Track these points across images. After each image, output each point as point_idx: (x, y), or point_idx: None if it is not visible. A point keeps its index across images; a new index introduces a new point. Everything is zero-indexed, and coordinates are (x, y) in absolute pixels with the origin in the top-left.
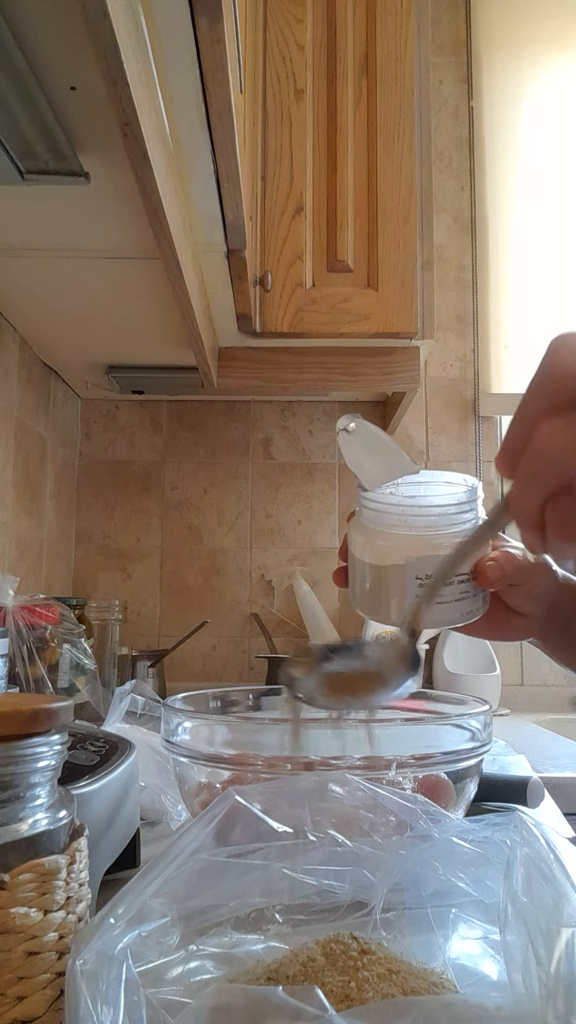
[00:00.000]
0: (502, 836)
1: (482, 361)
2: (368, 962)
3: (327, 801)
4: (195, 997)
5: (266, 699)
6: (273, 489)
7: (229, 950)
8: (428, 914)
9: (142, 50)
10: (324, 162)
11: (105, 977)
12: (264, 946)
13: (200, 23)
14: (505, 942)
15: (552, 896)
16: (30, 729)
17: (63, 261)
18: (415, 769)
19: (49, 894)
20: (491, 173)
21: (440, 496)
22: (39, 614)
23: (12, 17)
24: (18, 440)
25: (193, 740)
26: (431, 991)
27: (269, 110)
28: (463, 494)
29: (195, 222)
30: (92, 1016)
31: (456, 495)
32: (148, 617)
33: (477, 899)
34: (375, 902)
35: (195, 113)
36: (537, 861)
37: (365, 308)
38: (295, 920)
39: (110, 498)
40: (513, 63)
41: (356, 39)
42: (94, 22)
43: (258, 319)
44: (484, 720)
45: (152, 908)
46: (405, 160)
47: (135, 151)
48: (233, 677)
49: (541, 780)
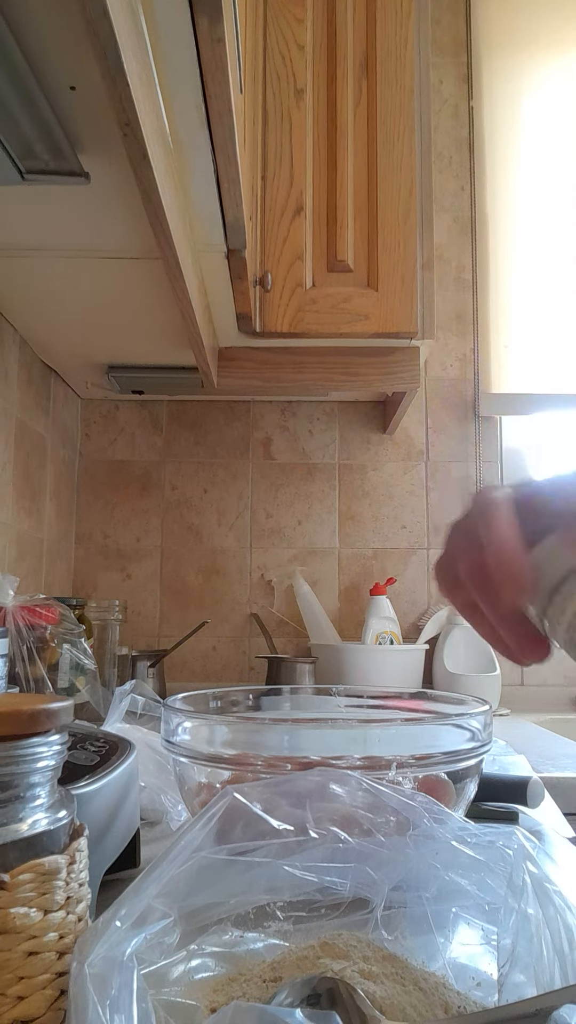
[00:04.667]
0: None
1: (482, 361)
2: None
3: (328, 800)
4: (197, 998)
5: (266, 699)
6: (273, 489)
7: (230, 948)
8: (428, 913)
9: (142, 50)
10: (324, 162)
11: (114, 982)
12: (265, 944)
13: (200, 23)
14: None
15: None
16: (30, 729)
17: (63, 261)
18: (415, 769)
19: (49, 894)
20: (491, 173)
21: None
22: (39, 614)
23: (12, 17)
24: (18, 440)
25: (193, 740)
26: (432, 992)
27: (269, 110)
28: None
29: (195, 222)
30: (101, 1020)
31: None
32: (148, 617)
33: (478, 899)
34: (377, 900)
35: (195, 113)
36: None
37: (365, 308)
38: (296, 917)
39: (110, 498)
40: (513, 63)
41: (356, 39)
42: (94, 22)
43: (258, 319)
44: (484, 720)
45: (154, 908)
46: (405, 160)
47: (135, 151)
48: (233, 677)
49: (541, 780)
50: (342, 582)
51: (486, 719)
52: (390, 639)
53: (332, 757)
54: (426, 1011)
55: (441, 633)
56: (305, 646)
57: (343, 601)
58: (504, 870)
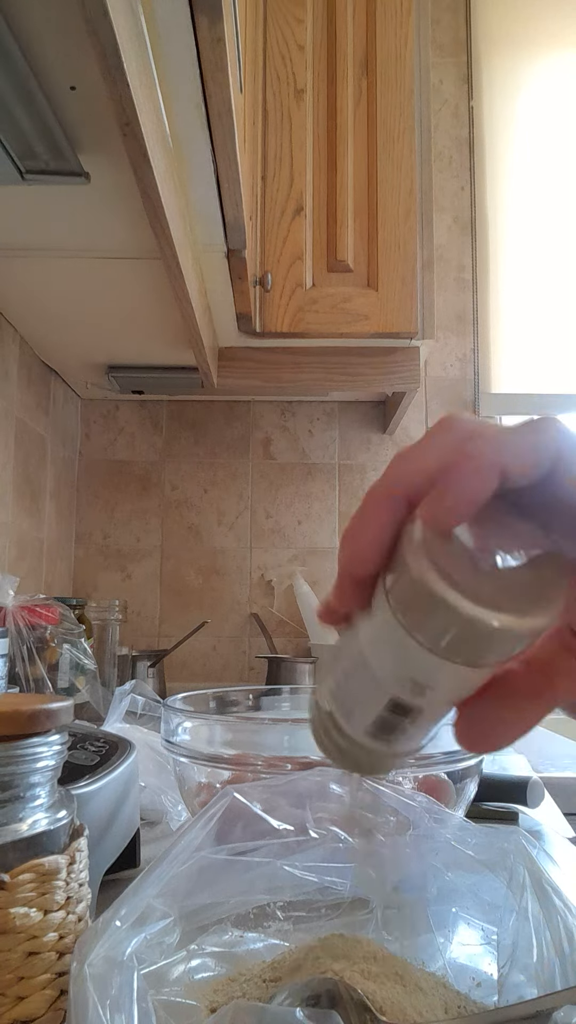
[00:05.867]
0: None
1: (482, 361)
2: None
3: (328, 800)
4: (197, 998)
5: (266, 699)
6: (273, 489)
7: (230, 948)
8: (428, 913)
9: (142, 50)
10: (324, 162)
11: (114, 982)
12: (265, 944)
13: (200, 23)
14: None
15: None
16: (30, 729)
17: (63, 261)
18: (415, 769)
19: (49, 894)
20: (491, 173)
21: None
22: (39, 614)
23: (12, 17)
24: (18, 440)
25: (193, 740)
26: (432, 992)
27: (269, 110)
28: None
29: (195, 222)
30: (101, 1020)
31: None
32: (148, 617)
33: (478, 899)
34: (376, 900)
35: (195, 113)
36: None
37: (365, 308)
38: (296, 917)
39: (110, 498)
40: (513, 63)
41: (356, 39)
42: (94, 22)
43: (258, 319)
44: None
45: (154, 908)
46: (405, 160)
47: (135, 151)
48: (233, 677)
49: (541, 780)
50: None
51: None
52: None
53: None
54: (426, 1011)
55: None
56: (305, 646)
57: None
58: (504, 870)
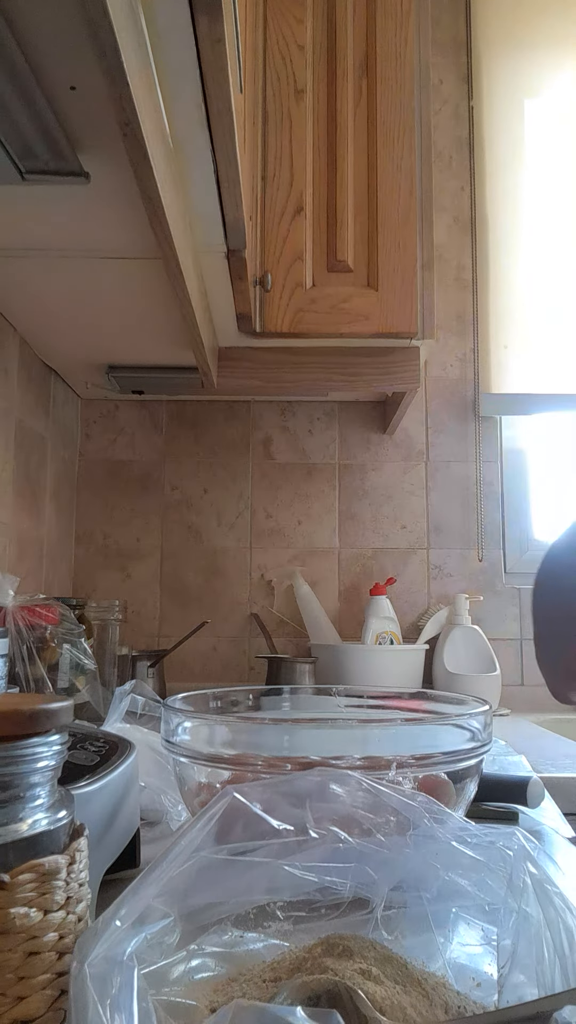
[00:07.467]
0: (505, 843)
1: (482, 361)
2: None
3: (328, 800)
4: (197, 998)
5: (266, 699)
6: (273, 489)
7: (230, 948)
8: (428, 913)
9: (142, 50)
10: (324, 162)
11: (114, 982)
12: (265, 944)
13: (200, 23)
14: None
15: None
16: (30, 729)
17: (63, 261)
18: (415, 769)
19: (49, 894)
20: (491, 173)
21: None
22: (39, 614)
23: (12, 17)
24: (18, 440)
25: (193, 740)
26: (432, 992)
27: (269, 110)
28: None
29: (195, 222)
30: (101, 1020)
31: None
32: (148, 617)
33: (478, 899)
34: (377, 900)
35: (195, 113)
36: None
37: (365, 308)
38: (296, 917)
39: (110, 498)
40: (513, 63)
41: (356, 39)
42: (94, 22)
43: (258, 319)
44: (484, 720)
45: (154, 908)
46: (405, 160)
47: (135, 151)
48: (233, 677)
49: (541, 780)
50: (342, 582)
51: (486, 719)
52: (390, 639)
53: (332, 757)
54: (426, 1012)
55: (441, 633)
56: (305, 646)
57: (343, 601)
58: (504, 870)
